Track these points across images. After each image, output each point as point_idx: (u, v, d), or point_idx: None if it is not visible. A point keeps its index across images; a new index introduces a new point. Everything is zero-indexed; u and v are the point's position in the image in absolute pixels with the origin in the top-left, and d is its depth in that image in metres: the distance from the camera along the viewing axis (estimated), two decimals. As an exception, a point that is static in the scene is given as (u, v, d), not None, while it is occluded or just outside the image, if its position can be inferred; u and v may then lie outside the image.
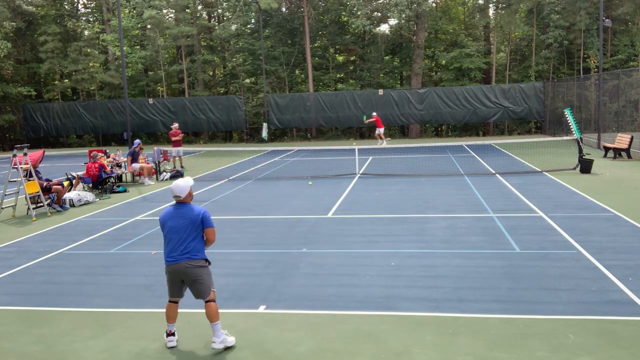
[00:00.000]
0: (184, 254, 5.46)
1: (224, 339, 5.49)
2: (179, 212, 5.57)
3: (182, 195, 5.59)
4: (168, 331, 5.70)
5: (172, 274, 5.56)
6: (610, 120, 25.65)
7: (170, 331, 5.70)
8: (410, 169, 19.17)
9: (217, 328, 5.50)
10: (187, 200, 5.64)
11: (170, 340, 5.66)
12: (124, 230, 11.14)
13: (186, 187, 5.60)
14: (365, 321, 6.10)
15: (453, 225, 10.50)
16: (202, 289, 5.55)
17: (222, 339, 5.47)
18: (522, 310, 6.22)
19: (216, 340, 5.48)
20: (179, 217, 5.53)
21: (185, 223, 5.51)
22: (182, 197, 5.60)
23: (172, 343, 5.66)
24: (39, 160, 14.06)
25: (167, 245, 5.56)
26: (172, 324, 5.72)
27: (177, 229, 5.51)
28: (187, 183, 5.62)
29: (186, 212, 5.55)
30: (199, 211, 5.57)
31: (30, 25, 39.86)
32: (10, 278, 8.20)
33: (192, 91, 40.90)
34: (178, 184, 5.59)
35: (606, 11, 33.89)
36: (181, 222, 5.51)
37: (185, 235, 5.49)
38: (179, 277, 5.55)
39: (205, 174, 19.90)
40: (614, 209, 11.34)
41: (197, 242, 5.54)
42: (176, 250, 5.48)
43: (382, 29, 40.62)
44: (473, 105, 34.12)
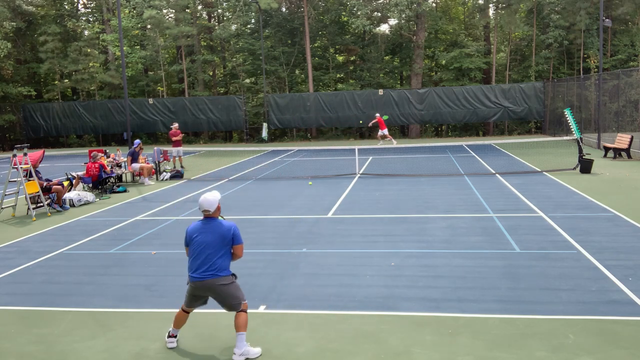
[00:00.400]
0: (211, 272, 5.31)
1: (245, 350, 5.33)
2: (209, 227, 5.41)
3: (212, 210, 5.43)
4: (170, 333, 5.67)
5: (197, 289, 5.42)
6: (610, 120, 25.65)
7: (172, 334, 5.68)
8: (410, 169, 19.17)
9: (241, 339, 5.35)
10: (215, 215, 5.48)
11: (170, 342, 5.64)
12: (124, 230, 11.14)
13: (215, 201, 5.44)
14: (365, 321, 6.10)
15: (453, 225, 10.50)
16: (233, 304, 5.41)
17: (243, 351, 5.32)
18: (522, 310, 6.22)
19: (236, 352, 5.32)
20: (209, 232, 5.38)
21: (215, 239, 5.36)
22: (212, 212, 5.44)
23: (173, 344, 5.64)
24: (39, 160, 14.06)
25: (194, 260, 5.39)
26: (177, 329, 5.68)
27: (205, 245, 5.35)
28: (215, 197, 5.45)
29: (216, 227, 5.40)
30: (229, 226, 5.42)
31: (30, 25, 39.86)
32: (10, 278, 8.20)
33: (192, 91, 40.90)
34: (207, 199, 5.43)
35: (606, 11, 33.90)
36: (210, 237, 5.36)
37: (214, 252, 5.34)
38: (203, 293, 5.45)
39: (205, 174, 19.90)
40: (614, 209, 11.34)
41: (224, 258, 5.40)
42: (204, 267, 5.32)
43: (382, 29, 40.66)
44: (473, 105, 34.12)
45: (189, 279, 5.45)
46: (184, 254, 9.00)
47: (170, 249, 9.45)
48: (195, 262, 5.38)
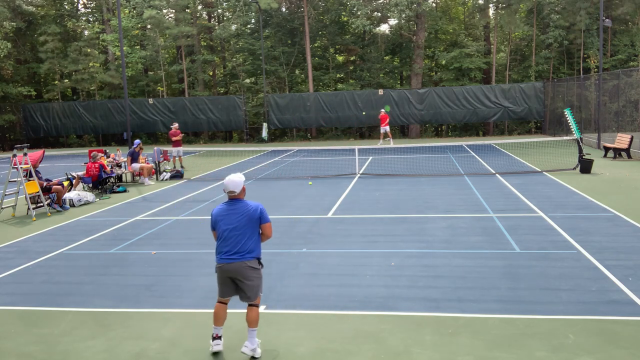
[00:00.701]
0: (240, 253, 5.25)
1: (256, 347, 5.31)
2: (235, 209, 5.33)
3: (237, 191, 5.35)
4: (214, 334, 5.45)
5: (225, 272, 5.32)
6: (610, 120, 25.65)
7: (217, 334, 5.44)
8: (410, 169, 19.17)
9: (253, 335, 5.33)
10: (241, 196, 5.41)
11: (216, 344, 5.41)
12: (124, 230, 11.14)
13: (240, 182, 5.37)
14: (365, 321, 6.10)
15: (453, 225, 10.50)
16: (251, 291, 5.33)
17: (253, 347, 5.29)
18: (522, 310, 6.21)
19: (248, 346, 5.28)
20: (236, 214, 5.30)
21: (243, 220, 5.28)
22: (237, 193, 5.36)
23: (219, 347, 5.42)
24: (39, 160, 14.06)
25: (222, 243, 5.32)
26: (220, 326, 5.48)
27: (233, 227, 5.28)
28: (240, 178, 5.40)
29: (242, 208, 5.33)
30: (255, 206, 5.35)
31: (30, 25, 39.86)
32: (10, 278, 8.20)
33: (192, 91, 40.90)
34: (232, 179, 5.36)
35: (606, 11, 33.90)
36: (238, 218, 5.28)
37: (241, 233, 5.27)
38: (231, 275, 5.32)
39: (205, 174, 19.90)
40: (614, 209, 11.34)
41: (253, 240, 5.33)
42: (233, 249, 5.26)
43: (382, 29, 40.65)
44: (473, 105, 34.12)
45: (217, 262, 5.36)
46: (184, 254, 9.07)
47: (170, 249, 9.45)
48: (223, 245, 5.31)
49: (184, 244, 9.85)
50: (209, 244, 9.80)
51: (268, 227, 5.42)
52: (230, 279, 5.37)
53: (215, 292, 7.14)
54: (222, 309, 5.49)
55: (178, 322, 6.25)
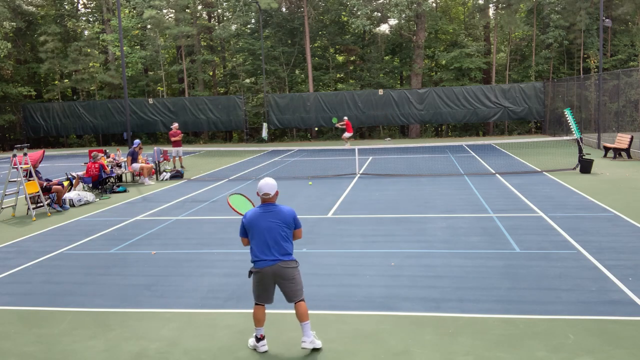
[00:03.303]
0: (279, 255, 5.28)
1: (313, 340, 5.35)
2: (270, 213, 5.37)
3: (272, 193, 5.40)
4: (259, 335, 5.45)
5: (265, 276, 5.33)
6: (610, 120, 25.65)
7: (261, 335, 5.45)
8: (410, 169, 19.17)
9: (307, 328, 5.36)
10: (274, 200, 5.45)
11: (262, 345, 5.43)
12: (124, 230, 11.13)
13: (275, 185, 5.43)
14: (365, 321, 6.10)
15: (453, 225, 10.50)
16: (296, 289, 5.37)
17: (311, 340, 5.33)
18: (522, 310, 6.21)
19: (306, 340, 5.32)
20: (271, 218, 5.34)
21: (278, 223, 5.33)
22: (271, 195, 5.41)
23: (265, 347, 5.43)
24: (39, 160, 14.06)
25: (260, 246, 5.32)
26: (261, 327, 5.46)
27: (269, 230, 5.31)
28: (274, 182, 5.45)
29: (277, 212, 5.38)
30: (289, 211, 5.43)
31: (30, 25, 39.87)
32: (10, 278, 8.19)
33: (192, 91, 40.91)
34: (267, 182, 5.40)
35: (606, 11, 33.90)
36: (273, 222, 5.33)
37: (278, 236, 5.31)
38: (271, 279, 5.35)
39: (205, 174, 19.90)
40: (614, 209, 11.33)
41: (289, 242, 5.38)
42: (270, 252, 5.28)
43: (382, 29, 40.64)
44: (473, 105, 34.13)
45: (254, 267, 5.37)
46: (184, 254, 9.07)
47: (170, 249, 9.45)
48: (262, 248, 5.32)
49: (184, 244, 9.85)
50: (209, 244, 9.81)
51: (300, 232, 5.54)
52: (271, 283, 5.40)
53: (214, 292, 7.19)
54: (261, 311, 5.49)
55: (178, 322, 6.25)
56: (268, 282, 5.37)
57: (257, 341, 5.47)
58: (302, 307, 5.39)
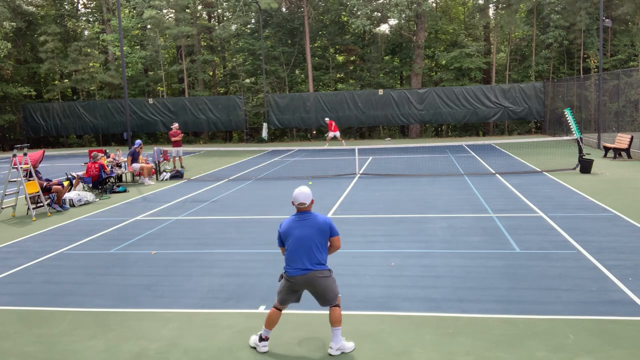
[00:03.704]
0: (311, 265, 5.28)
1: (341, 345, 5.34)
2: (305, 222, 5.37)
3: (307, 203, 5.39)
4: (263, 336, 5.46)
5: (296, 284, 5.35)
6: (610, 120, 25.65)
7: (266, 336, 5.46)
8: (410, 169, 19.17)
9: (337, 333, 5.35)
10: (309, 208, 5.44)
11: (263, 346, 5.44)
12: (124, 230, 11.13)
13: (310, 194, 5.42)
14: (365, 321, 6.10)
15: (453, 225, 10.50)
16: (330, 297, 5.37)
17: (339, 346, 5.32)
18: (522, 310, 6.21)
19: (333, 347, 5.32)
20: (306, 226, 5.34)
21: (313, 232, 5.32)
22: (307, 205, 5.41)
23: (265, 348, 5.44)
24: (39, 160, 14.06)
25: (294, 254, 5.32)
26: (270, 329, 5.49)
27: (304, 239, 5.31)
28: (309, 190, 5.46)
29: (313, 220, 5.37)
30: (324, 219, 5.40)
31: (30, 25, 39.87)
32: (10, 278, 8.19)
33: (192, 91, 40.91)
34: (303, 191, 5.38)
35: (606, 11, 33.91)
36: (308, 231, 5.32)
37: (312, 245, 5.31)
38: (302, 288, 5.38)
39: (205, 174, 19.90)
40: (614, 209, 11.33)
41: (322, 252, 5.36)
42: (303, 261, 5.29)
43: (382, 29, 40.66)
44: (473, 105, 34.13)
45: (286, 274, 5.39)
46: (184, 254, 9.07)
47: (170, 249, 9.45)
48: (295, 257, 5.32)
49: (184, 244, 9.85)
50: (209, 244, 9.81)
51: (337, 240, 5.46)
52: (300, 291, 5.44)
53: (214, 292, 7.19)
54: (277, 315, 5.51)
55: (178, 322, 6.25)
56: (298, 290, 5.43)
57: (260, 340, 5.47)
58: (336, 312, 5.38)
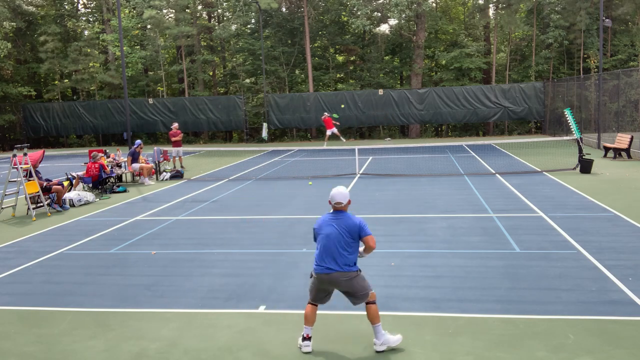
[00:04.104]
0: (336, 266, 5.26)
1: (385, 339, 5.34)
2: (337, 221, 5.37)
3: (344, 202, 5.40)
4: (305, 335, 5.42)
5: (322, 282, 5.37)
6: (610, 120, 25.65)
7: (307, 335, 5.41)
8: (410, 169, 19.17)
9: (378, 330, 5.35)
10: (345, 209, 5.43)
11: (306, 345, 5.38)
12: (124, 230, 11.13)
13: (347, 194, 5.43)
14: (365, 321, 6.09)
15: (453, 225, 10.50)
16: (359, 295, 5.35)
17: (382, 340, 5.33)
18: (522, 310, 6.21)
19: (377, 342, 5.33)
20: (336, 225, 5.34)
21: (342, 232, 5.30)
22: (343, 205, 5.41)
23: (308, 348, 5.39)
24: (39, 160, 14.06)
25: (321, 252, 5.34)
26: (310, 326, 5.45)
27: (331, 237, 5.31)
28: (346, 190, 5.45)
29: (344, 220, 5.36)
30: (356, 220, 5.36)
31: (30, 25, 39.87)
32: (10, 278, 8.19)
33: (192, 91, 40.91)
34: (340, 191, 5.40)
35: (606, 11, 33.90)
36: (338, 230, 5.31)
37: (341, 245, 5.28)
38: (328, 286, 5.39)
39: (205, 174, 19.90)
40: (614, 209, 11.33)
41: (351, 252, 5.32)
42: (330, 260, 5.28)
43: (382, 29, 40.67)
44: (473, 105, 34.13)
45: (314, 270, 5.40)
46: (184, 254, 9.07)
47: (170, 249, 9.45)
48: (322, 255, 5.33)
49: (184, 244, 9.85)
50: (209, 244, 9.82)
51: (370, 239, 5.36)
52: (327, 289, 5.45)
53: (214, 292, 7.19)
54: (313, 311, 5.51)
55: (178, 322, 6.25)
56: (325, 288, 5.43)
57: (302, 340, 5.46)
58: (371, 309, 5.38)
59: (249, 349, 5.53)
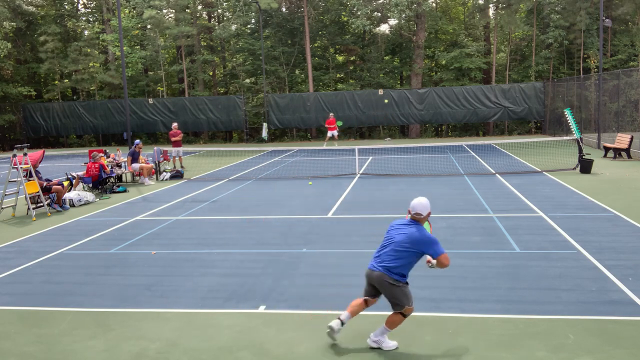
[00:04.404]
0: (384, 269, 5.29)
1: (380, 339, 5.38)
2: (404, 227, 5.39)
3: (423, 214, 5.37)
4: (340, 316, 5.46)
5: (368, 277, 5.47)
6: (610, 120, 25.65)
7: (342, 318, 5.45)
8: (410, 169, 19.16)
9: (383, 331, 5.38)
10: (422, 221, 5.39)
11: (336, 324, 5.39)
12: (124, 230, 11.13)
13: (428, 206, 5.39)
14: (365, 321, 6.10)
15: (453, 225, 10.50)
16: (393, 303, 5.39)
17: (378, 339, 5.38)
18: (522, 310, 6.21)
19: (372, 337, 5.42)
20: (402, 232, 5.35)
21: (404, 240, 5.29)
22: (422, 216, 5.37)
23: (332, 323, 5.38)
24: (39, 160, 14.06)
25: (378, 250, 5.47)
26: (347, 313, 5.49)
27: (392, 241, 5.38)
28: (427, 202, 5.41)
29: (410, 229, 5.33)
30: (424, 236, 5.27)
31: (30, 25, 39.87)
32: (10, 278, 8.19)
33: (192, 91, 40.90)
34: (421, 202, 5.36)
35: (606, 11, 33.90)
36: (400, 237, 5.33)
37: (396, 250, 5.29)
38: (372, 282, 5.43)
39: (205, 174, 19.90)
40: (614, 209, 11.33)
41: (403, 262, 5.28)
42: (381, 258, 5.36)
43: (382, 29, 40.67)
44: (473, 105, 34.13)
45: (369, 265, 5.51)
46: (184, 254, 9.08)
47: (170, 249, 9.45)
48: (378, 252, 5.48)
49: (184, 244, 9.85)
50: (209, 244, 9.82)
51: (442, 258, 5.26)
52: (372, 285, 5.48)
53: (214, 292, 7.20)
54: (358, 303, 5.56)
55: (178, 322, 6.25)
56: (372, 284, 5.46)
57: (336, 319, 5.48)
58: (396, 317, 5.38)
59: (249, 349, 5.53)
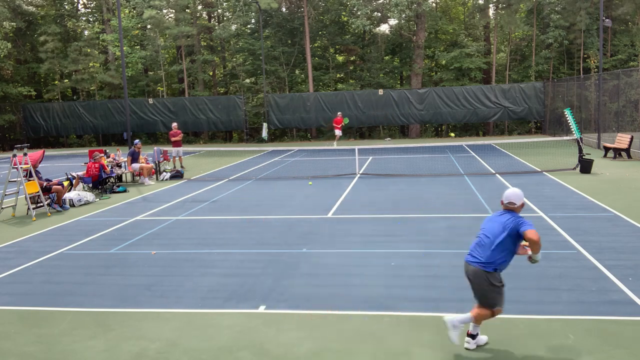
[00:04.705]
0: (477, 260, 5.27)
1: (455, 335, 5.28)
2: (497, 217, 5.36)
3: (517, 204, 5.31)
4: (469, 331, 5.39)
5: (465, 270, 5.43)
6: (610, 120, 25.65)
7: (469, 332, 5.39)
8: (410, 169, 19.16)
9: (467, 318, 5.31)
10: (517, 210, 5.33)
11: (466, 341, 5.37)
12: (124, 230, 11.13)
13: (521, 195, 5.34)
14: (365, 321, 6.10)
15: (453, 225, 10.50)
16: (480, 299, 5.34)
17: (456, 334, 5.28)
18: (522, 310, 6.21)
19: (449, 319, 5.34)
20: (493, 221, 5.35)
21: (494, 227, 5.27)
22: (516, 206, 5.31)
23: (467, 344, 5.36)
24: (39, 160, 14.06)
25: (474, 243, 5.42)
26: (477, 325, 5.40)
27: (484, 231, 5.36)
28: (521, 192, 5.37)
29: (503, 217, 5.30)
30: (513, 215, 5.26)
31: (30, 25, 39.86)
32: (10, 278, 8.19)
33: (192, 91, 40.90)
34: (515, 192, 5.33)
35: (606, 11, 33.90)
36: (491, 225, 5.32)
37: (491, 242, 5.23)
38: (468, 275, 5.41)
39: (205, 174, 19.90)
40: (614, 209, 11.33)
41: (498, 252, 5.20)
42: (474, 251, 5.34)
43: (382, 29, 40.67)
44: (473, 105, 34.13)
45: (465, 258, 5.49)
46: (184, 254, 9.08)
47: (170, 249, 9.45)
48: (474, 245, 5.43)
49: (184, 244, 9.85)
50: (209, 244, 9.82)
51: (529, 233, 5.10)
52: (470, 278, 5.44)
53: (214, 292, 7.19)
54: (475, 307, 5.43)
55: (178, 322, 6.25)
56: (469, 278, 5.40)
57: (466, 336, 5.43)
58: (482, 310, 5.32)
59: (249, 349, 5.53)
